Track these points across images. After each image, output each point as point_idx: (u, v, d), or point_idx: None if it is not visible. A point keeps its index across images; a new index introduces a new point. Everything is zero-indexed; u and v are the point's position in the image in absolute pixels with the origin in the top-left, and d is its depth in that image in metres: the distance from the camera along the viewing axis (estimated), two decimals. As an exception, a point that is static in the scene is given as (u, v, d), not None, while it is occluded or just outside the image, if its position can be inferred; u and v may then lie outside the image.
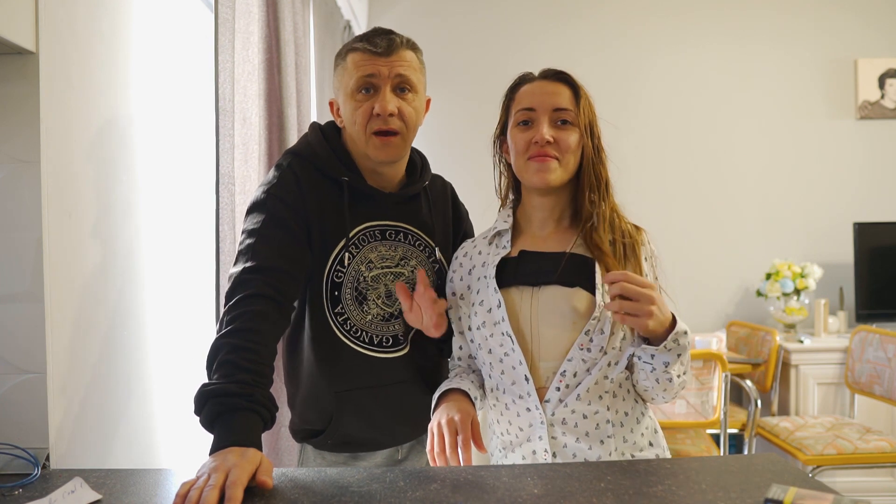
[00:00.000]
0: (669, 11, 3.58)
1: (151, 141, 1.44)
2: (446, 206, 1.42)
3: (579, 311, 1.13)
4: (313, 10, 2.46)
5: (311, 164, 1.26)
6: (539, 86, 1.21)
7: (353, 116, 1.23)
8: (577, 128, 1.18)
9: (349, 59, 1.24)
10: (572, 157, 1.18)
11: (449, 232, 1.40)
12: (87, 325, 1.18)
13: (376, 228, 1.28)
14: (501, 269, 1.20)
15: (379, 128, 1.21)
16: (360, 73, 1.21)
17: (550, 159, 1.16)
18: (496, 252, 1.22)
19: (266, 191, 1.21)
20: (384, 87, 1.21)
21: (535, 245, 1.22)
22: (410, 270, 1.30)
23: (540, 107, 1.18)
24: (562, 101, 1.18)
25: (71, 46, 1.14)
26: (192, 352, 1.68)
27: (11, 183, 1.05)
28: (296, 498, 0.88)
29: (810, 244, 3.53)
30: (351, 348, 1.25)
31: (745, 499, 0.86)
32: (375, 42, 1.21)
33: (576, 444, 1.14)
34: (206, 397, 0.98)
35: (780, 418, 2.86)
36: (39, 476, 0.99)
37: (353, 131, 1.24)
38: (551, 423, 1.14)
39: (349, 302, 1.25)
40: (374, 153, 1.24)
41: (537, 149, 1.16)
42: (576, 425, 1.13)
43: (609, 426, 1.14)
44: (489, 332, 1.17)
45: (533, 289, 1.16)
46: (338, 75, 1.27)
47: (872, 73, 3.50)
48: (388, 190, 1.31)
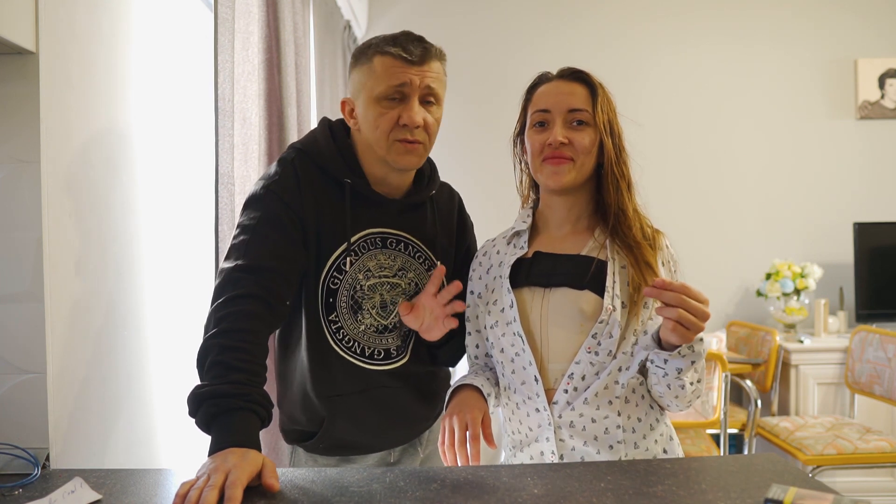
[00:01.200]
0: (669, 11, 3.58)
1: (151, 141, 1.44)
2: (451, 218, 1.38)
3: (586, 313, 1.13)
4: (313, 10, 2.46)
5: (315, 163, 1.22)
6: (555, 86, 1.20)
7: (376, 122, 1.18)
8: (594, 128, 1.17)
9: (378, 62, 1.17)
10: (588, 158, 1.17)
11: (452, 244, 1.36)
12: (87, 325, 1.18)
13: (377, 236, 1.25)
14: (517, 269, 1.20)
15: (404, 137, 1.18)
16: (391, 82, 1.16)
17: (565, 161, 1.16)
18: (513, 252, 1.23)
19: (265, 186, 1.19)
20: (413, 97, 1.17)
21: (551, 246, 1.21)
22: (408, 282, 1.28)
23: (555, 108, 1.18)
24: (576, 102, 1.17)
25: (71, 46, 1.14)
26: (192, 352, 1.67)
27: (11, 183, 1.05)
28: (296, 498, 0.88)
29: (810, 244, 3.53)
30: (343, 358, 1.23)
31: (745, 499, 0.86)
32: (410, 50, 1.16)
33: (583, 447, 1.13)
34: (201, 399, 0.98)
35: (780, 418, 2.86)
36: (39, 476, 0.99)
37: (373, 136, 1.19)
38: (559, 425, 1.14)
39: (344, 310, 1.22)
40: (396, 159, 1.19)
41: (551, 150, 1.16)
42: (584, 429, 1.13)
43: (619, 431, 1.13)
44: (501, 332, 1.18)
45: (544, 290, 1.16)
46: (360, 75, 1.20)
47: (872, 73, 3.50)
48: (392, 196, 1.27)
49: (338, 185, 1.23)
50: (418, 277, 1.29)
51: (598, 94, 1.18)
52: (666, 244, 1.21)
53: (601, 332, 1.11)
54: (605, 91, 1.20)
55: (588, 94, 1.18)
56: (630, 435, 1.14)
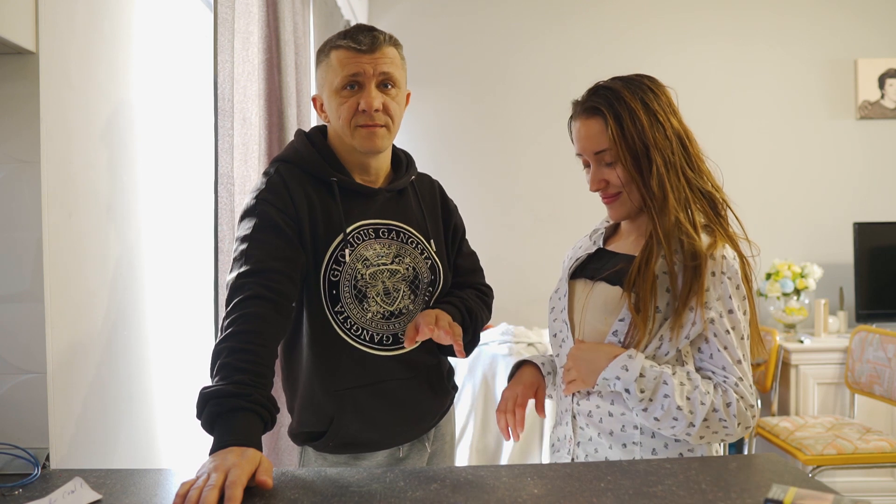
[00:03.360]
0: (669, 11, 3.58)
1: (151, 141, 1.44)
2: (435, 202, 1.43)
3: (608, 308, 1.15)
4: (313, 10, 2.46)
5: (299, 168, 1.28)
6: (578, 129, 1.19)
7: (338, 111, 1.25)
8: (621, 160, 1.13)
9: (333, 56, 1.25)
10: (634, 187, 1.14)
11: (439, 224, 1.42)
12: (87, 325, 1.18)
13: (370, 227, 1.29)
14: (585, 263, 1.26)
15: (364, 122, 1.24)
16: (345, 73, 1.23)
17: (614, 198, 1.18)
18: (588, 246, 1.29)
19: (255, 197, 1.23)
20: (369, 84, 1.23)
21: (620, 246, 1.24)
22: (406, 268, 1.31)
23: (584, 153, 1.19)
24: (599, 144, 1.15)
25: (71, 46, 1.14)
26: (192, 351, 1.68)
27: (11, 183, 1.05)
28: (296, 498, 0.88)
29: (810, 244, 3.53)
30: (353, 346, 1.26)
31: (745, 499, 0.86)
32: (359, 40, 1.23)
33: (598, 438, 1.16)
34: (206, 399, 0.99)
35: (780, 418, 2.86)
36: (39, 476, 0.99)
37: (338, 126, 1.27)
38: (576, 412, 1.19)
39: (349, 300, 1.25)
40: (360, 143, 1.26)
41: (600, 194, 1.20)
42: (600, 420, 1.16)
43: (636, 432, 1.13)
44: (554, 317, 1.26)
45: (592, 283, 1.21)
46: (322, 72, 1.29)
47: (872, 73, 3.50)
48: (376, 186, 1.33)
49: (324, 184, 1.28)
50: (414, 262, 1.32)
51: (623, 119, 1.12)
52: (721, 256, 1.11)
53: (621, 329, 1.13)
54: (632, 111, 1.12)
55: (608, 127, 1.13)
56: (649, 440, 1.13)
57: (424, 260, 1.33)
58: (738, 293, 1.11)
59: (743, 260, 1.15)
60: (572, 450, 1.20)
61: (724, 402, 1.07)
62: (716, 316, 1.08)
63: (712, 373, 1.10)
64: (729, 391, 1.07)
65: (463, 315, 1.31)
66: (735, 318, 1.10)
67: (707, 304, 1.08)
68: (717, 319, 1.09)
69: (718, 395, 1.07)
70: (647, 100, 1.14)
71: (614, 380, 1.09)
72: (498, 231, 3.55)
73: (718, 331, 1.09)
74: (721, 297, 1.10)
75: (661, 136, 1.13)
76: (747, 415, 1.08)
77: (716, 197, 1.17)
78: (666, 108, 1.16)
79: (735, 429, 1.07)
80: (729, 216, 1.19)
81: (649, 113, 1.14)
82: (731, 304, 1.10)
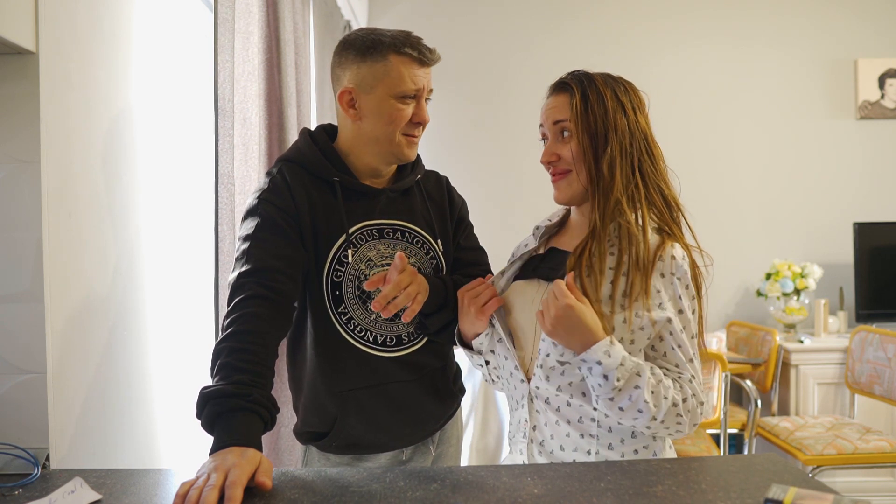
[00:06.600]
0: (669, 11, 3.58)
1: (151, 141, 1.44)
2: (442, 199, 1.42)
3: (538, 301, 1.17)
4: (313, 10, 2.46)
5: (302, 168, 1.27)
6: (546, 104, 1.20)
7: (391, 116, 1.24)
8: (577, 135, 1.13)
9: (395, 60, 1.22)
10: (584, 167, 1.13)
11: (447, 220, 1.40)
12: (87, 325, 1.18)
13: (373, 227, 1.28)
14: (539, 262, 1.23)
15: (412, 133, 1.27)
16: (413, 84, 1.23)
17: (562, 176, 1.17)
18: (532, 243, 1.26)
19: (258, 197, 1.23)
20: (422, 97, 1.26)
21: (569, 244, 1.21)
22: None
23: (545, 123, 1.19)
24: (559, 113, 1.16)
25: (71, 46, 1.14)
26: (193, 351, 1.68)
27: (11, 183, 1.05)
28: (296, 498, 0.88)
29: (810, 244, 3.53)
30: (356, 348, 1.25)
31: (745, 499, 0.86)
32: (423, 52, 1.24)
33: (555, 425, 1.14)
34: (206, 399, 0.99)
35: (780, 418, 2.86)
36: (39, 476, 0.99)
37: (384, 129, 1.24)
38: (534, 395, 1.16)
39: (352, 301, 1.25)
40: (400, 151, 1.27)
41: (550, 170, 1.18)
42: (558, 409, 1.14)
43: (594, 425, 1.12)
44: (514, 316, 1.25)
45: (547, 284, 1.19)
46: (373, 69, 1.22)
47: (872, 73, 3.50)
48: (380, 186, 1.32)
49: (328, 184, 1.27)
50: (419, 262, 1.31)
51: (588, 97, 1.13)
52: (670, 255, 1.12)
53: None
54: (599, 92, 1.13)
55: (573, 101, 1.13)
56: (606, 434, 1.12)
57: (430, 260, 1.33)
58: (687, 293, 1.13)
59: (692, 261, 1.16)
60: (528, 432, 1.17)
61: (681, 397, 1.08)
62: (672, 315, 1.10)
63: (666, 370, 1.11)
64: (685, 387, 1.10)
65: (448, 290, 1.28)
66: (685, 317, 1.12)
67: (661, 306, 1.10)
68: (673, 318, 1.11)
69: (677, 390, 1.09)
70: (618, 91, 1.15)
71: (594, 364, 1.04)
72: (498, 231, 3.55)
73: (674, 329, 1.11)
74: (672, 298, 1.12)
75: (623, 126, 1.13)
76: (698, 412, 1.10)
77: (671, 201, 1.18)
78: (636, 105, 1.17)
79: (687, 426, 1.09)
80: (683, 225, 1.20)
81: (616, 102, 1.14)
82: (680, 304, 1.12)
